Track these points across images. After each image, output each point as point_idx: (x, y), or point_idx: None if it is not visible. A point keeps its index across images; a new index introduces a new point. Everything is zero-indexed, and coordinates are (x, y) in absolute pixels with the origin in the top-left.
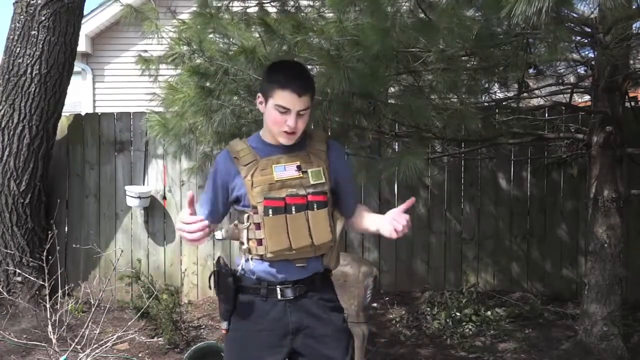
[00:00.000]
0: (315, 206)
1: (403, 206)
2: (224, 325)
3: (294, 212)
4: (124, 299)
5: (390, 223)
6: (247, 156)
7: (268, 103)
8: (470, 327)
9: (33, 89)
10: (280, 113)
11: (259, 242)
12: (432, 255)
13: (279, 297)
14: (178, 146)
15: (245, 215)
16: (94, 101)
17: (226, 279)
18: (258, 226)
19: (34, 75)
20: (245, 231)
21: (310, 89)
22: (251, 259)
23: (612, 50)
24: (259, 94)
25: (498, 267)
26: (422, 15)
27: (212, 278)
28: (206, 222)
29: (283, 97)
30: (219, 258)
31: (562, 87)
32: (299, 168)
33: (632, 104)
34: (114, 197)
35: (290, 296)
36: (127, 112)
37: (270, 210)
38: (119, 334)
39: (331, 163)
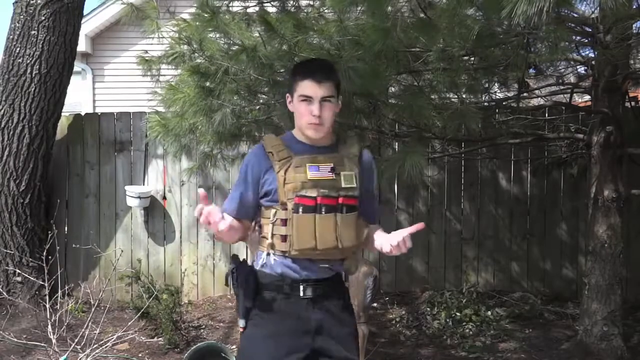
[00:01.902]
0: (345, 209)
1: (410, 229)
2: (242, 323)
3: (323, 213)
4: (124, 299)
5: (390, 240)
6: (282, 152)
7: (294, 98)
8: (470, 327)
9: (33, 89)
10: (305, 103)
11: (284, 238)
12: (432, 255)
13: (302, 294)
14: (178, 147)
15: (272, 211)
16: (94, 101)
17: (246, 275)
18: (284, 222)
19: (33, 75)
20: (270, 226)
21: (332, 77)
22: (273, 254)
23: (612, 50)
24: (287, 94)
25: (498, 266)
26: (422, 15)
27: (230, 275)
28: (209, 208)
29: (304, 86)
30: (234, 255)
31: (562, 87)
32: (332, 170)
33: (632, 104)
34: (114, 197)
35: (312, 294)
36: (127, 112)
37: (301, 208)
38: (119, 334)
39: (361, 170)
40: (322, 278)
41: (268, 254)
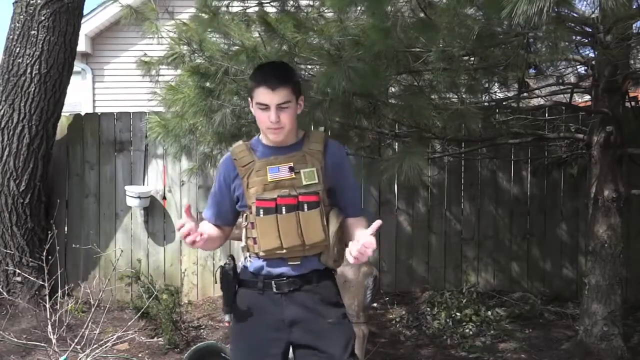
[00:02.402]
0: (305, 207)
1: (370, 230)
2: (227, 317)
3: (284, 213)
4: (124, 299)
5: (350, 251)
6: (245, 157)
7: (253, 104)
8: (470, 327)
9: (33, 89)
10: (262, 111)
11: (254, 240)
12: (432, 255)
13: (274, 290)
14: (178, 148)
15: (244, 215)
16: (94, 101)
17: (227, 273)
18: (253, 225)
19: (33, 75)
20: (244, 230)
21: (287, 82)
22: (249, 256)
23: (612, 50)
24: (249, 99)
25: (498, 267)
26: (422, 14)
27: (217, 272)
28: (190, 226)
29: (259, 94)
30: (231, 255)
31: (562, 87)
32: (291, 169)
33: (632, 104)
34: (114, 197)
35: (285, 290)
36: (127, 112)
37: (262, 210)
38: (119, 334)
39: (326, 163)
40: (297, 274)
41: (245, 257)
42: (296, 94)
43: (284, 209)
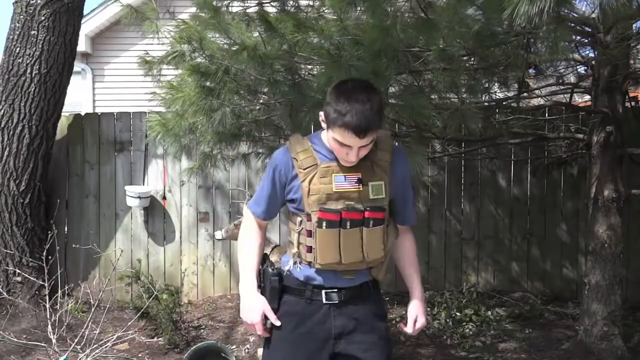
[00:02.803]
0: (371, 223)
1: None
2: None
3: (348, 227)
4: (124, 299)
5: (411, 319)
6: (308, 159)
7: (329, 129)
8: (470, 327)
9: (33, 89)
10: (341, 147)
11: (309, 249)
12: (432, 255)
13: (324, 300)
14: (178, 147)
15: (298, 219)
16: (94, 101)
17: (271, 278)
18: (310, 234)
19: (33, 75)
20: (296, 234)
21: (375, 126)
22: (300, 263)
23: (612, 50)
24: (322, 113)
25: (498, 267)
26: (422, 14)
27: (261, 274)
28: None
29: (344, 136)
30: (265, 254)
31: (562, 87)
32: (359, 181)
33: (632, 103)
34: (114, 197)
35: (335, 300)
36: (127, 112)
37: (325, 222)
38: (119, 334)
39: (394, 176)
40: (347, 286)
41: (295, 263)
42: (377, 131)
43: (348, 224)
